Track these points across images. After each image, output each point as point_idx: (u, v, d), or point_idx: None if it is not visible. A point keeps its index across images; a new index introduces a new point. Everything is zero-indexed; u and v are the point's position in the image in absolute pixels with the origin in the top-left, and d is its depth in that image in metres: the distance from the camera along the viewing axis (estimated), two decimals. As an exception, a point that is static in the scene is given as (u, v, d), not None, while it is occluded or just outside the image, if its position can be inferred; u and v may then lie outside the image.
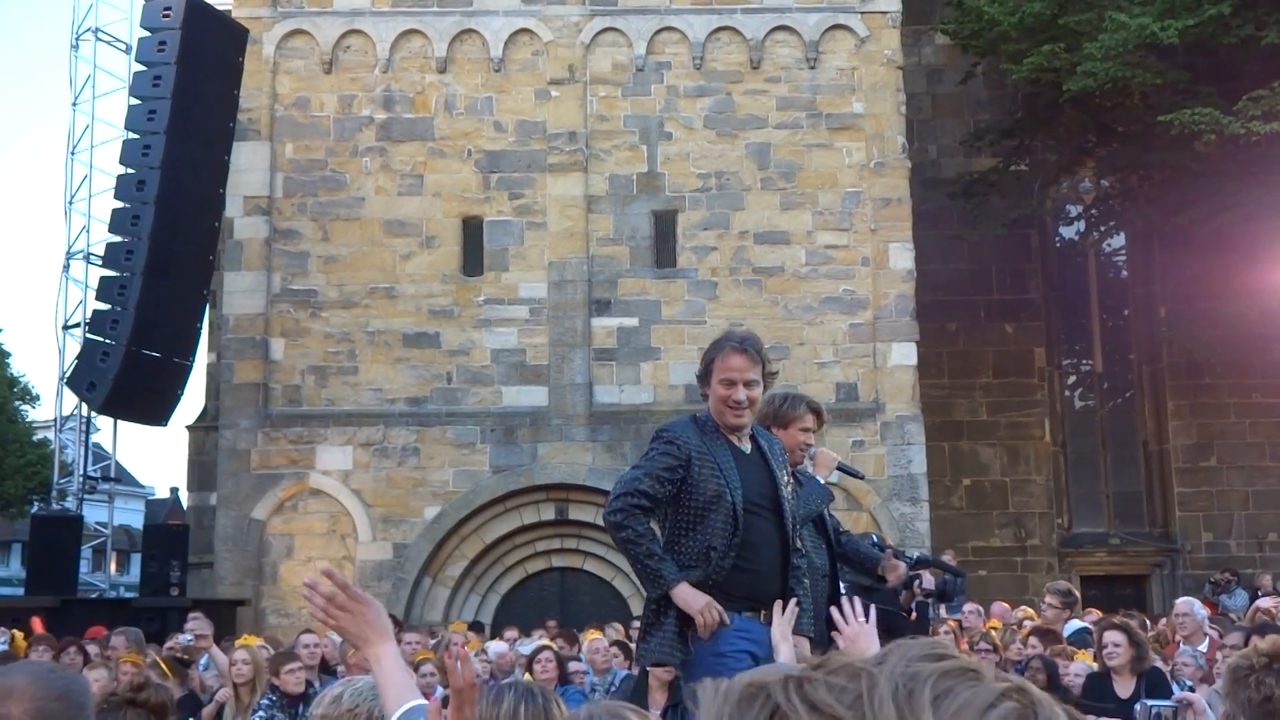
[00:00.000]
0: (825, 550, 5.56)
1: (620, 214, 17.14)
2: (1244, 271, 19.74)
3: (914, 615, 6.99)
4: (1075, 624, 10.48)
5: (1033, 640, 9.18)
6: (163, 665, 8.53)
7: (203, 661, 9.93)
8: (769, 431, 5.09)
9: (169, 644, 10.26)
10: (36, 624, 11.58)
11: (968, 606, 12.70)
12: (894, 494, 16.49)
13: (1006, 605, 13.52)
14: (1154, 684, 7.12)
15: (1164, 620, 11.72)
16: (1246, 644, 6.60)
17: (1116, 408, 22.49)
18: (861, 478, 5.87)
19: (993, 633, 10.27)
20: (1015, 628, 10.94)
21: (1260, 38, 16.75)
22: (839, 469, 6.12)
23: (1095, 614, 11.78)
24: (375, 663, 2.75)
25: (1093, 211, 21.91)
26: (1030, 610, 12.73)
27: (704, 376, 4.76)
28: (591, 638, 10.84)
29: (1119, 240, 22.74)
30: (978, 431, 20.96)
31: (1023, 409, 21.07)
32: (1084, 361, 22.90)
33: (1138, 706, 4.86)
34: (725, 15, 17.40)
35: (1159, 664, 7.95)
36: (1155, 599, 20.36)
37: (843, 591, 5.40)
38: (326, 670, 9.20)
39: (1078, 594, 11.77)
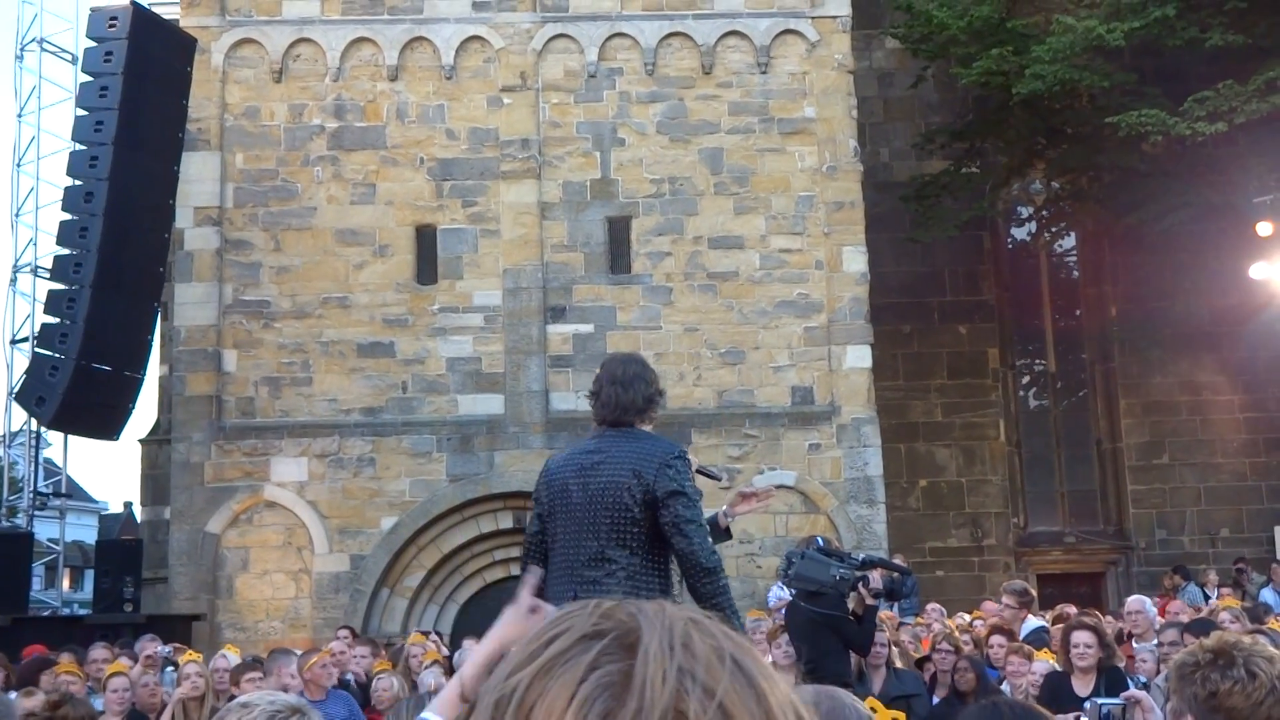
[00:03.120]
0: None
1: (574, 220, 17.11)
2: (1193, 271, 20.02)
3: (861, 618, 6.98)
4: (1032, 622, 10.55)
5: (997, 638, 9.21)
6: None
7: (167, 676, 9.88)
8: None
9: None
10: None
11: (929, 606, 12.76)
12: (851, 496, 16.55)
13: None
14: (1113, 682, 7.10)
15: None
16: (1183, 639, 6.65)
17: (1070, 407, 22.70)
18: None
19: (955, 633, 10.31)
20: (968, 628, 10.99)
21: (1204, 39, 16.96)
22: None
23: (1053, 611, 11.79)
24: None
25: (1044, 213, 22.14)
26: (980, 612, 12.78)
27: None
28: None
29: (1070, 241, 22.97)
30: (933, 433, 21.09)
31: (977, 409, 21.21)
32: (1037, 361, 23.10)
33: (1087, 705, 4.88)
34: (676, 20, 17.42)
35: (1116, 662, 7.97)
36: (1111, 596, 20.54)
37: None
38: None
39: (1034, 593, 11.86)
